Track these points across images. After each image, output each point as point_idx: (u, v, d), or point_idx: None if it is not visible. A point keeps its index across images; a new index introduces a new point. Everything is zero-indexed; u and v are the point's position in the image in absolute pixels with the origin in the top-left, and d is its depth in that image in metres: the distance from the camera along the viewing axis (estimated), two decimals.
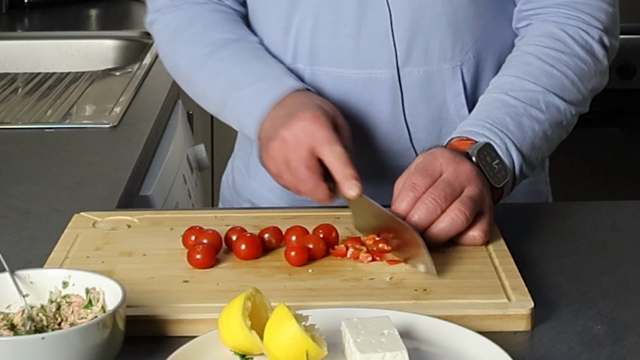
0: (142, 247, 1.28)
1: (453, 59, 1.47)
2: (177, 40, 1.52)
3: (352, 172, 1.28)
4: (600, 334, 1.11)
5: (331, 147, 1.29)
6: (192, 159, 2.26)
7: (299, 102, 1.35)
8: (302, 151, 1.30)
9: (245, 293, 1.04)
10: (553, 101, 1.41)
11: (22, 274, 1.10)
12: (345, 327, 1.03)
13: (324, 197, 1.31)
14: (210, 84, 1.47)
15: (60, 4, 3.07)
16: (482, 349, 1.04)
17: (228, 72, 1.45)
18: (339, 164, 1.28)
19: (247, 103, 1.40)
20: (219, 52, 1.47)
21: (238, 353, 1.04)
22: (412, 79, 1.47)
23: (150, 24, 1.58)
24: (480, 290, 1.17)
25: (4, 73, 2.40)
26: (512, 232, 1.34)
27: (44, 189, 1.58)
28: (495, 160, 1.32)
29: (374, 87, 1.47)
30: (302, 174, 1.30)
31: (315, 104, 1.35)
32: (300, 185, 1.31)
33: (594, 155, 3.03)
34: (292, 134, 1.31)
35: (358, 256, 1.24)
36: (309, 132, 1.30)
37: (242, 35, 1.51)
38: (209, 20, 1.52)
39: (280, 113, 1.35)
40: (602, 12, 1.46)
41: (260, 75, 1.42)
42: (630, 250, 1.33)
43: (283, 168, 1.32)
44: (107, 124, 1.93)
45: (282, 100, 1.36)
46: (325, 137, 1.30)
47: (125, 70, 2.36)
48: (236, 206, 1.64)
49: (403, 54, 1.46)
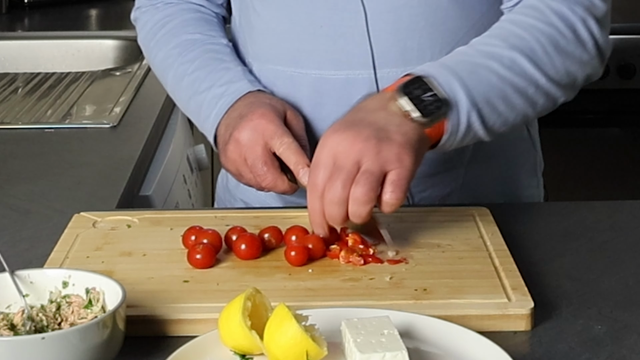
0: (142, 247, 1.29)
1: (432, 60, 1.39)
2: (152, 39, 1.57)
3: (304, 159, 1.32)
4: (600, 334, 1.11)
5: (281, 139, 1.34)
6: (192, 159, 2.26)
7: (248, 104, 1.40)
8: (255, 148, 1.35)
9: (245, 293, 1.04)
10: (518, 60, 1.33)
11: (22, 274, 1.10)
12: (345, 327, 1.03)
13: (285, 188, 1.35)
14: (177, 86, 1.53)
15: (60, 4, 3.07)
16: (482, 349, 1.04)
17: (190, 75, 1.50)
18: (290, 153, 1.33)
19: (204, 107, 1.46)
20: (185, 54, 1.51)
21: (238, 353, 1.04)
22: (390, 80, 1.44)
23: (134, 20, 1.64)
24: (480, 290, 1.17)
25: (4, 73, 2.40)
26: (512, 232, 1.34)
27: (44, 189, 1.58)
28: (427, 93, 1.25)
29: (352, 89, 1.46)
30: (259, 170, 1.35)
31: (263, 102, 1.40)
32: (260, 180, 1.36)
33: (593, 155, 3.03)
34: (245, 134, 1.36)
35: (349, 259, 1.24)
36: (259, 129, 1.35)
37: (210, 36, 1.54)
38: (180, 20, 1.56)
39: (232, 116, 1.40)
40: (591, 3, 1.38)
41: (216, 80, 1.46)
42: (630, 250, 1.33)
43: (241, 167, 1.38)
44: (107, 124, 1.93)
45: (234, 104, 1.42)
46: (275, 132, 1.35)
47: (125, 70, 2.37)
48: (230, 206, 1.64)
49: (380, 54, 1.45)
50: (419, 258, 1.25)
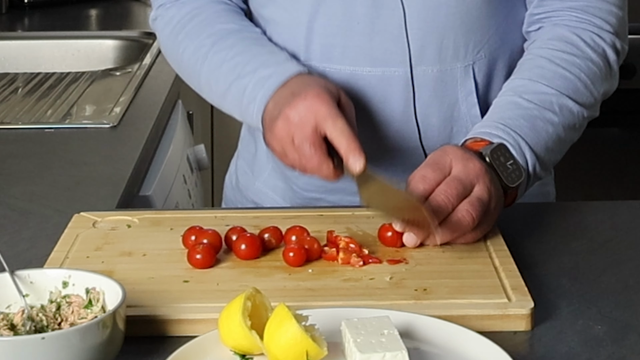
0: (142, 247, 1.28)
1: (466, 58, 1.47)
2: (180, 33, 1.52)
3: (356, 145, 1.28)
4: (600, 334, 1.11)
5: (334, 122, 1.29)
6: (192, 159, 2.26)
7: (301, 83, 1.36)
8: (305, 128, 1.30)
9: (245, 293, 1.04)
10: (566, 104, 1.41)
11: (22, 274, 1.10)
12: (345, 327, 1.03)
13: (329, 174, 1.31)
14: (213, 74, 1.47)
15: (60, 4, 3.07)
16: (482, 349, 1.04)
17: (230, 60, 1.45)
18: (343, 138, 1.28)
19: (250, 89, 1.40)
20: (221, 42, 1.47)
21: (238, 353, 1.04)
22: (425, 77, 1.47)
23: (153, 20, 1.58)
24: (480, 290, 1.17)
25: (4, 73, 2.40)
26: (512, 232, 1.34)
27: (44, 189, 1.58)
28: (510, 161, 1.32)
29: (387, 85, 1.47)
30: (306, 151, 1.30)
31: (318, 83, 1.35)
32: (305, 162, 1.31)
33: (594, 155, 3.03)
34: (296, 112, 1.31)
35: (349, 261, 1.23)
36: (312, 109, 1.30)
37: (244, 25, 1.51)
38: (211, 12, 1.52)
39: (284, 94, 1.35)
40: (612, 15, 1.46)
41: (262, 62, 1.42)
42: (630, 250, 1.33)
43: (287, 146, 1.32)
44: (107, 124, 1.93)
45: (285, 84, 1.37)
46: (328, 114, 1.30)
47: (125, 70, 2.36)
48: (239, 207, 1.63)
49: (417, 52, 1.46)
50: (419, 258, 1.25)
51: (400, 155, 1.50)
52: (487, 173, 1.28)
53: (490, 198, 1.27)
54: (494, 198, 1.28)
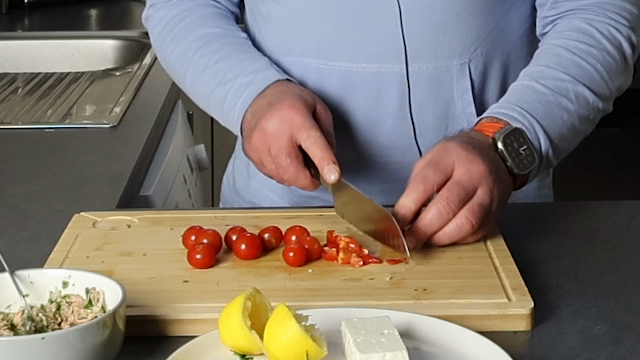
0: (142, 247, 1.28)
1: (462, 56, 1.47)
2: (168, 35, 1.54)
3: (330, 156, 1.29)
4: (600, 334, 1.11)
5: (308, 132, 1.31)
6: (192, 159, 2.26)
7: (277, 92, 1.37)
8: (281, 139, 1.32)
9: (245, 293, 1.04)
10: (582, 92, 1.40)
11: (22, 274, 1.10)
12: (345, 327, 1.03)
13: (306, 184, 1.32)
14: (197, 79, 1.49)
15: (60, 4, 3.07)
16: (482, 349, 1.04)
17: (213, 66, 1.46)
18: (316, 148, 1.30)
19: (230, 97, 1.42)
20: (206, 46, 1.49)
21: (238, 353, 1.04)
22: (421, 74, 1.46)
23: (145, 19, 1.61)
24: (480, 290, 1.17)
25: (4, 73, 2.40)
26: (512, 232, 1.34)
27: (44, 189, 1.58)
28: (523, 146, 1.32)
29: (382, 82, 1.47)
30: (282, 162, 1.32)
31: (293, 93, 1.36)
32: (282, 172, 1.33)
33: (594, 155, 3.04)
34: (271, 123, 1.33)
35: (349, 261, 1.23)
36: (287, 120, 1.32)
37: (230, 30, 1.52)
38: (198, 15, 1.54)
39: (261, 104, 1.37)
40: (627, 12, 1.46)
41: (242, 69, 1.44)
42: (630, 250, 1.33)
43: (265, 157, 1.34)
44: (107, 124, 1.93)
45: (262, 92, 1.39)
46: (302, 124, 1.31)
47: (125, 70, 2.36)
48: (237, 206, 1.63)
49: (412, 49, 1.45)
50: (419, 258, 1.25)
51: (395, 152, 1.50)
52: (491, 174, 1.27)
53: (492, 201, 1.27)
54: (496, 200, 1.28)
